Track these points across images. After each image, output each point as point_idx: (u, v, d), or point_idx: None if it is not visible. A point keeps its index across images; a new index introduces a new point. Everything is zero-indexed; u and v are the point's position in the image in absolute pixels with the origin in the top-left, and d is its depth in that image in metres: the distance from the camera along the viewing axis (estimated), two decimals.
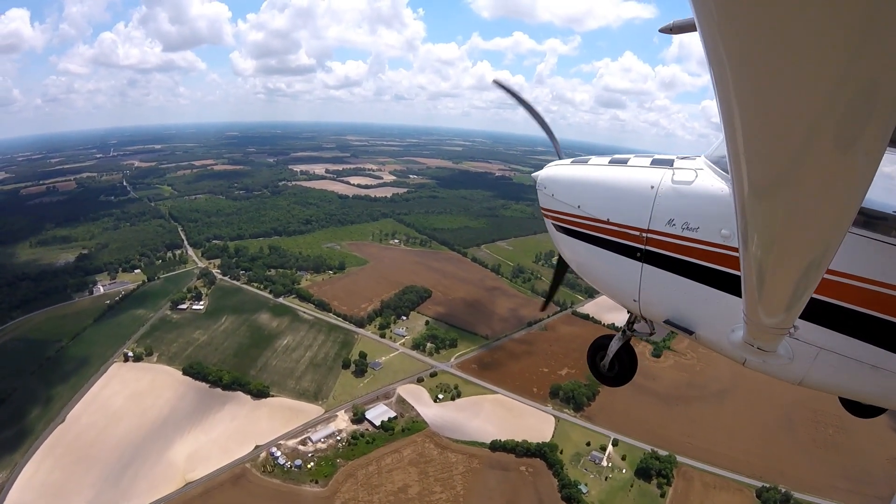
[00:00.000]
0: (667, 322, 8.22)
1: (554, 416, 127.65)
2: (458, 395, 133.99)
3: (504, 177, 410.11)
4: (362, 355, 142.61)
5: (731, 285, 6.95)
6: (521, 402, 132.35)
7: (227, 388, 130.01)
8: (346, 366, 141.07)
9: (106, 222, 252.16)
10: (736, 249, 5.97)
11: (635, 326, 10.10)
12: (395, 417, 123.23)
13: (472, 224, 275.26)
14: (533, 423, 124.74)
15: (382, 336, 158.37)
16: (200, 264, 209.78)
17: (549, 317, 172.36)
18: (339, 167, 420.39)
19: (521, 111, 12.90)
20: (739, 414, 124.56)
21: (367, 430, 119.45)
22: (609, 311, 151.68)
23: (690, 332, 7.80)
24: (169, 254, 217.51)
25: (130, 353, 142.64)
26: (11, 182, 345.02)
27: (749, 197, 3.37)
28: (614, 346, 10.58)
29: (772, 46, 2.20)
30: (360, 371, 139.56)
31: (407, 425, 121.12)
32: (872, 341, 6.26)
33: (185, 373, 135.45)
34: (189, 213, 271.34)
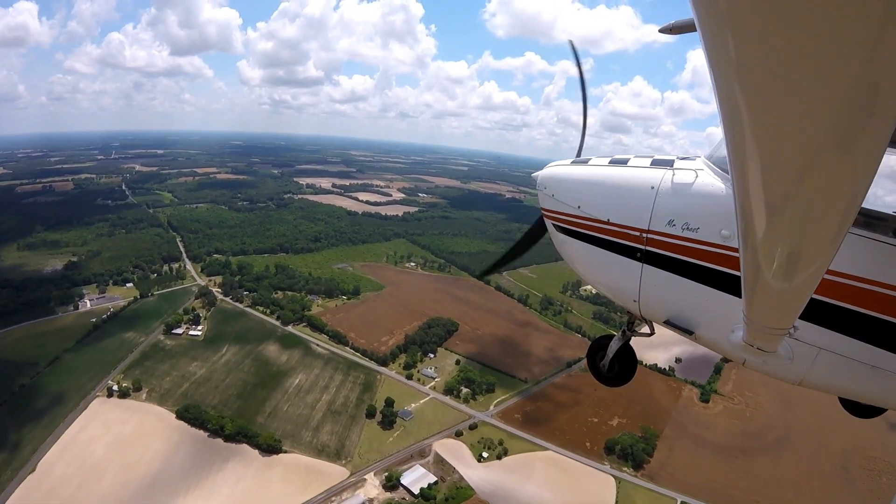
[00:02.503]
0: (667, 323, 8.17)
1: (613, 476, 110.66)
2: (505, 453, 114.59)
3: (514, 199, 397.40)
4: (389, 402, 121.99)
5: (731, 286, 6.96)
6: (575, 461, 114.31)
7: (230, 438, 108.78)
8: (370, 414, 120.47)
9: (100, 227, 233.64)
10: (736, 250, 6.03)
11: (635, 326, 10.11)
12: (436, 483, 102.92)
13: (490, 248, 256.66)
14: (592, 485, 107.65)
15: (409, 377, 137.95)
16: (200, 281, 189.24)
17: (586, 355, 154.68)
18: (346, 182, 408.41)
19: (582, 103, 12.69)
20: (799, 465, 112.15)
21: (403, 498, 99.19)
22: (649, 350, 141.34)
23: (690, 333, 7.80)
24: (165, 267, 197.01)
25: (116, 388, 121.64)
26: (8, 178, 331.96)
27: (749, 197, 3.42)
28: (614, 346, 10.45)
29: (771, 47, 2.22)
30: (389, 422, 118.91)
31: (450, 492, 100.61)
32: (872, 341, 6.29)
33: (180, 416, 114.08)
34: (189, 222, 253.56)
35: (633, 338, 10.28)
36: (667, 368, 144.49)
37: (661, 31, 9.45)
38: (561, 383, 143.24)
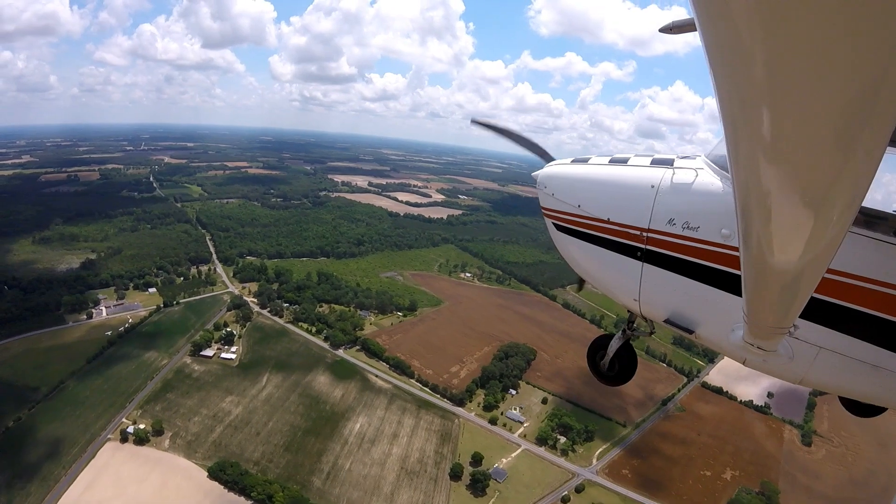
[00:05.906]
0: (667, 322, 8.07)
1: None
2: None
3: None
4: (476, 458, 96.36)
5: (731, 285, 6.92)
6: None
7: None
8: (455, 475, 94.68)
9: (123, 221, 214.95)
10: (736, 249, 5.99)
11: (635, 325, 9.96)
12: None
13: (546, 258, 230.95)
14: None
15: (493, 422, 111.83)
16: (232, 288, 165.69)
17: (678, 390, 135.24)
18: (382, 181, 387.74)
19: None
20: None
21: None
22: (739, 384, 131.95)
23: (690, 332, 7.71)
24: (193, 270, 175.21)
25: (131, 429, 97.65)
26: (34, 166, 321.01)
27: (749, 196, 3.44)
28: (614, 345, 10.28)
29: (771, 47, 2.21)
30: (480, 486, 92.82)
31: None
32: (872, 341, 6.25)
33: (213, 476, 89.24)
34: (219, 219, 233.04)
35: (632, 337, 10.01)
36: (763, 405, 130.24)
37: (661, 30, 9.33)
38: (661, 428, 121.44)
